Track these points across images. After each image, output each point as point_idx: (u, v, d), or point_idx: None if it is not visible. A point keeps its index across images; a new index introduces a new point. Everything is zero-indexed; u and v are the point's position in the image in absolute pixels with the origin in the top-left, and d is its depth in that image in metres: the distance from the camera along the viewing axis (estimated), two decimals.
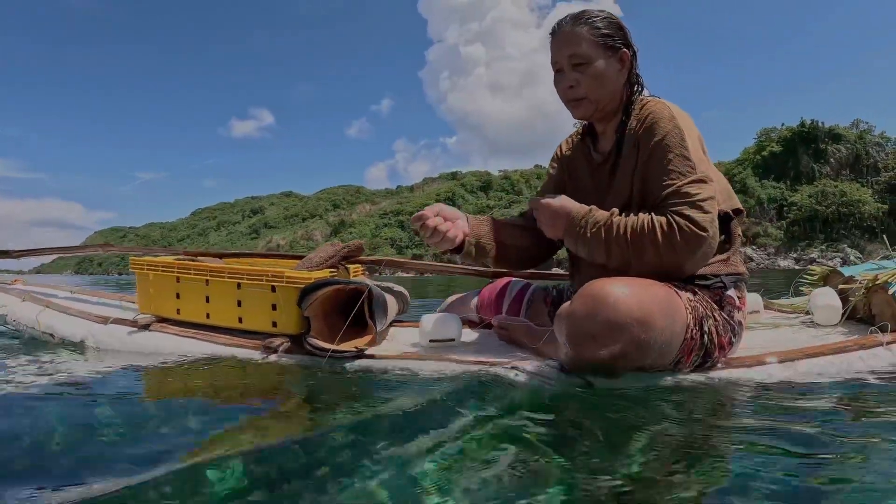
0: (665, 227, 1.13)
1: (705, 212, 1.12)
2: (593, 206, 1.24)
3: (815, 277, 1.81)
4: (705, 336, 1.16)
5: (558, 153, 1.53)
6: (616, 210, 1.21)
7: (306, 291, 1.35)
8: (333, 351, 1.32)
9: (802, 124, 43.19)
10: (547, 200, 1.28)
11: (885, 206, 35.34)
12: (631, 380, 1.14)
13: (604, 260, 1.20)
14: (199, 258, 1.85)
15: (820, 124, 43.02)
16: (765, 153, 44.18)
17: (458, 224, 1.33)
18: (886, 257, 1.69)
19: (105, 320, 1.75)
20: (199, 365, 1.46)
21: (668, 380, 1.16)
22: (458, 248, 1.35)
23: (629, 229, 1.16)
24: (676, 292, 1.16)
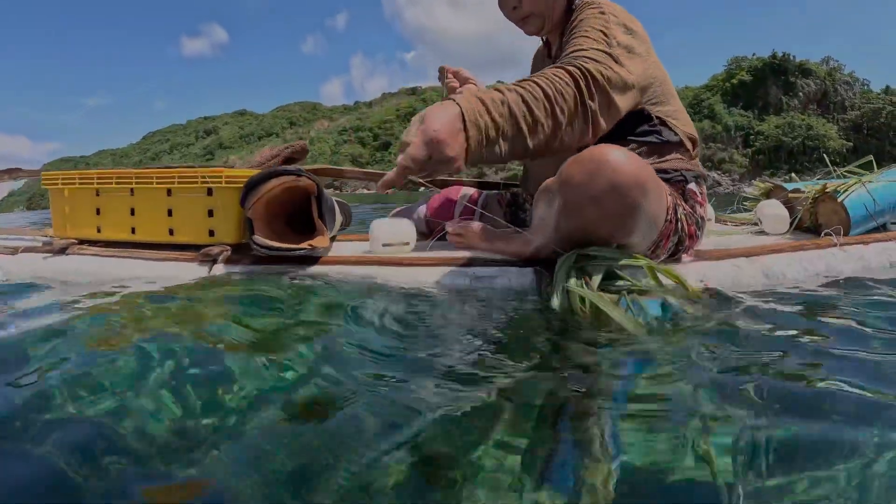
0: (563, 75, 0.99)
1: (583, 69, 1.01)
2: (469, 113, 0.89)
3: (759, 192, 1.84)
4: (679, 222, 1.13)
5: (535, 57, 1.52)
6: (496, 93, 0.94)
7: (251, 185, 1.19)
8: (285, 249, 1.19)
9: (774, 56, 43.05)
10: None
11: (850, 144, 36.17)
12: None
13: (526, 143, 0.96)
14: None
15: (791, 57, 42.94)
16: (734, 81, 44.06)
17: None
18: (827, 174, 1.73)
19: (14, 251, 1.52)
20: (131, 292, 1.20)
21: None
22: None
23: (545, 90, 0.96)
24: None
